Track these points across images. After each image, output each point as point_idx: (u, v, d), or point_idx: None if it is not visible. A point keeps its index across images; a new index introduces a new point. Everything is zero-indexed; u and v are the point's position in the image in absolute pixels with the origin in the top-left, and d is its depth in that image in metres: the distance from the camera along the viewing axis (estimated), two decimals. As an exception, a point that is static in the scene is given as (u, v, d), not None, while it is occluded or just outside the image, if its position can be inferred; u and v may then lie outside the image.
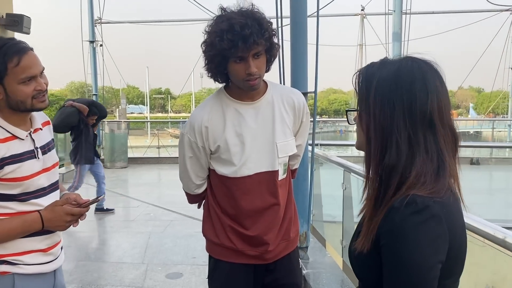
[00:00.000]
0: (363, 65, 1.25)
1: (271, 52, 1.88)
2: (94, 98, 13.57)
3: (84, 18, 13.24)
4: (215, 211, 2.02)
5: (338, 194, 4.77)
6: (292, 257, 2.11)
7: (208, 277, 2.11)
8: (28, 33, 4.49)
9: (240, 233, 1.98)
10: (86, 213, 1.75)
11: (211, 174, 2.03)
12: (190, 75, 24.50)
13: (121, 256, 4.90)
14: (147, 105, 53.72)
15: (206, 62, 1.87)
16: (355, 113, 1.23)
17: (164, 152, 13.77)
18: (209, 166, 2.01)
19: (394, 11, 12.81)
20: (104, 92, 14.35)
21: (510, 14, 19.83)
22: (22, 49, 1.63)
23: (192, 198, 2.16)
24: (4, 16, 4.19)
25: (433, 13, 20.76)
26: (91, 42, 13.31)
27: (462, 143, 1.18)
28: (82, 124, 6.21)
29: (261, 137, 1.94)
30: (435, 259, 1.03)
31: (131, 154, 12.36)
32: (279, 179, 1.97)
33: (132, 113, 53.24)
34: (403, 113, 1.09)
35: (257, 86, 1.88)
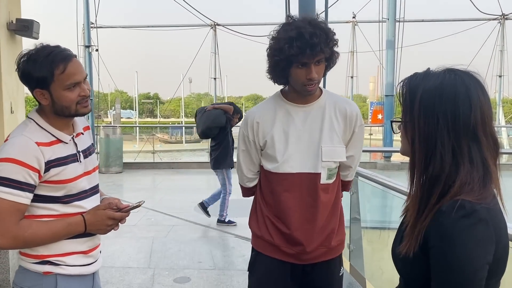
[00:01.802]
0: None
1: (330, 60, 1.99)
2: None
3: (75, 23, 13.23)
4: (260, 205, 2.13)
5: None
6: (331, 264, 2.13)
7: (249, 269, 2.20)
8: (37, 38, 4.48)
9: (277, 228, 2.06)
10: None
11: (261, 170, 2.14)
12: (181, 80, 24.54)
13: (127, 261, 4.90)
14: (135, 110, 53.50)
15: (270, 65, 1.99)
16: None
17: (156, 158, 13.73)
18: (260, 162, 2.13)
19: (388, 19, 12.93)
20: (94, 97, 14.30)
21: (498, 23, 20.26)
22: (68, 57, 1.67)
23: (246, 191, 2.27)
24: (14, 21, 4.18)
25: (422, 21, 21.15)
26: (87, 46, 13.28)
27: None
28: (229, 125, 6.28)
29: (306, 138, 2.02)
30: (483, 261, 1.08)
31: (124, 159, 12.32)
32: (321, 182, 2.02)
33: (121, 117, 53.03)
34: (447, 126, 1.14)
35: (314, 91, 1.99)
